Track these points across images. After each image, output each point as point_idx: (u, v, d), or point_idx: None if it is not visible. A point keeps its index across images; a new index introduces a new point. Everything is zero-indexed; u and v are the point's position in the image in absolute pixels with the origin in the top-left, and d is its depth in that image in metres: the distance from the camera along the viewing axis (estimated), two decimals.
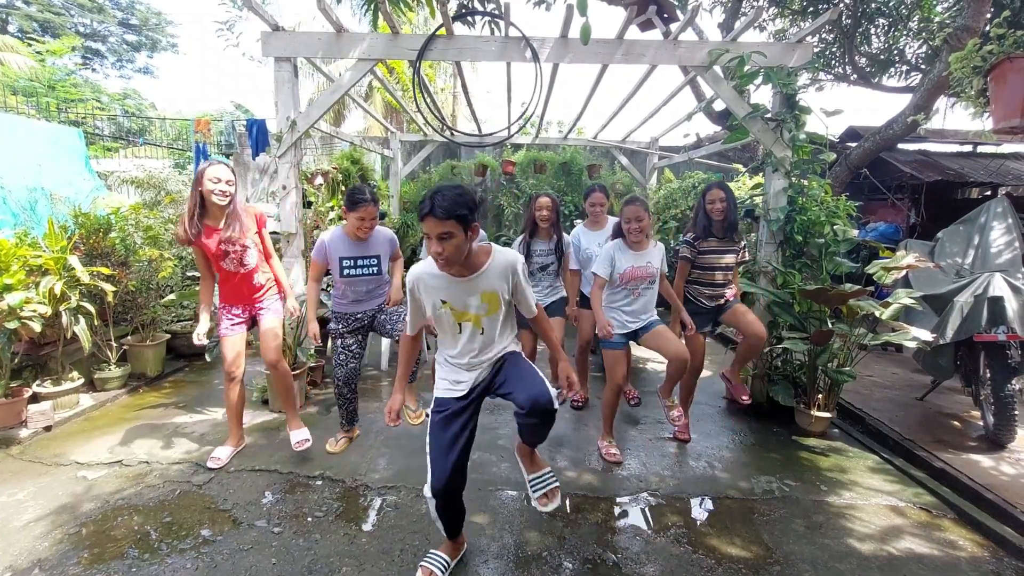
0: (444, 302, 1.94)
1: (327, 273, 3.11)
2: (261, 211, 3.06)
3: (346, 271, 2.95)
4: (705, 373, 4.87)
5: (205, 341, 2.88)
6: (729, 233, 3.31)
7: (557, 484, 2.19)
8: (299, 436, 3.06)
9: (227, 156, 8.48)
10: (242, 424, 3.15)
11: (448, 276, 1.90)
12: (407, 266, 3.12)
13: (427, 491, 1.95)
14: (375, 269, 3.01)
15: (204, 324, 2.89)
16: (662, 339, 2.98)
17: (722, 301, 3.39)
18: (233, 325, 2.93)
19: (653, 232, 3.08)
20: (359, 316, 3.11)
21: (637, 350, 3.69)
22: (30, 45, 11.81)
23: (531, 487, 2.17)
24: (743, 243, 3.40)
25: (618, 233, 3.06)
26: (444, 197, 1.72)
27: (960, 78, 2.97)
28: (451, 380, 2.05)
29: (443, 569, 2.10)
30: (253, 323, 3.05)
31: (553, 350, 2.22)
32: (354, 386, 3.20)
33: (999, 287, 3.26)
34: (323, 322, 4.50)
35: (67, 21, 17.55)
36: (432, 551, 2.17)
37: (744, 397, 3.47)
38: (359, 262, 2.97)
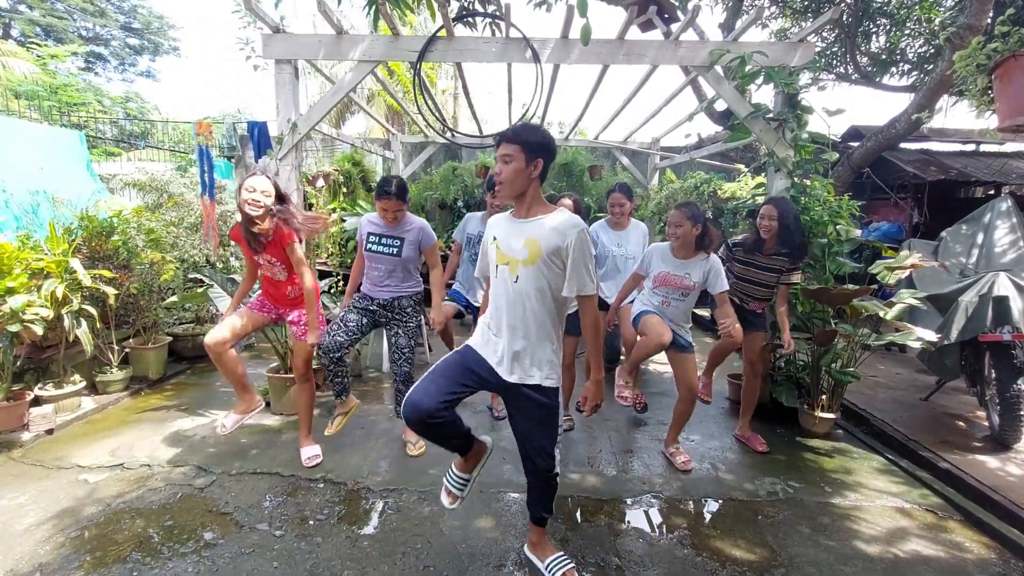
0: (495, 238, 1.99)
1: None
2: (290, 230, 2.83)
3: (369, 245, 3.05)
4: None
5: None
6: (786, 253, 3.18)
7: (572, 564, 2.15)
8: (309, 452, 3.03)
9: (229, 159, 8.49)
10: (249, 388, 3.00)
11: (510, 218, 1.98)
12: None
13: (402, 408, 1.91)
14: (395, 250, 3.04)
15: (225, 306, 2.98)
16: (686, 367, 2.94)
17: (748, 311, 3.36)
18: (260, 308, 2.99)
19: (711, 247, 2.95)
20: (376, 301, 3.11)
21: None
22: (31, 50, 11.85)
23: (548, 573, 2.11)
24: (795, 266, 3.22)
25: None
26: (521, 126, 1.87)
27: (964, 76, 2.96)
28: (488, 337, 2.02)
29: (460, 487, 2.14)
30: (278, 320, 3.09)
31: (591, 354, 2.01)
32: (335, 357, 2.96)
33: (1004, 286, 3.25)
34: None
35: (69, 25, 17.61)
36: (451, 470, 2.17)
37: (760, 448, 3.33)
38: (382, 239, 3.04)
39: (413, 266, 3.14)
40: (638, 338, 3.03)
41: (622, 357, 4.25)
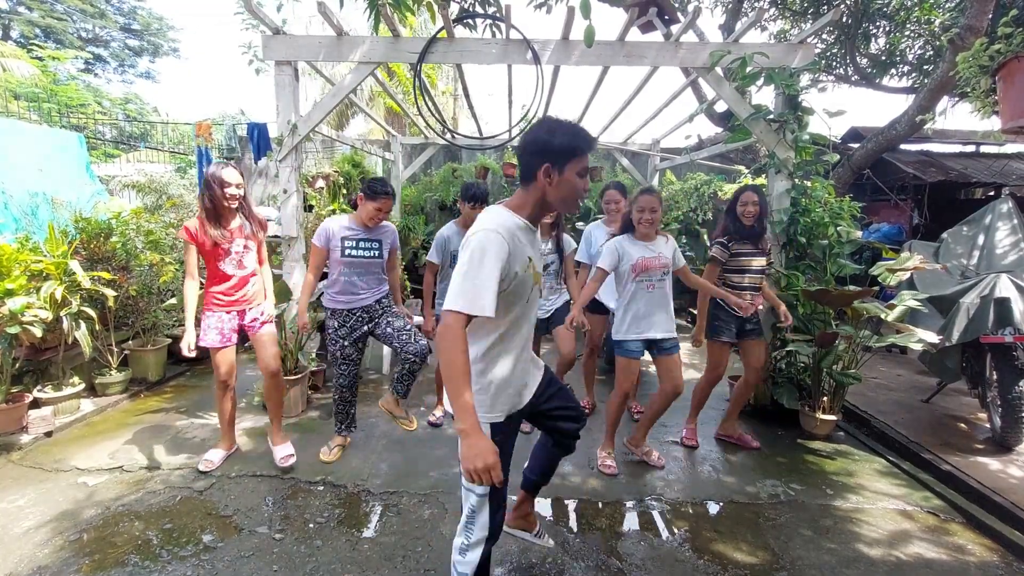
0: (531, 260, 1.61)
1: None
2: (263, 216, 3.05)
3: (348, 251, 2.95)
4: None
5: (194, 354, 2.78)
6: (756, 238, 3.26)
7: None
8: (284, 451, 3.01)
9: (229, 160, 8.48)
10: (234, 428, 3.14)
11: (531, 229, 1.63)
12: (406, 270, 3.12)
13: (478, 536, 1.64)
14: (376, 253, 3.02)
15: (193, 334, 2.79)
16: (673, 367, 2.96)
17: (750, 311, 3.31)
18: (225, 337, 2.86)
19: (661, 227, 3.05)
20: (358, 314, 3.04)
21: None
22: (31, 52, 11.86)
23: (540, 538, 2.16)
24: (769, 248, 3.35)
25: (627, 227, 2.98)
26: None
27: (967, 78, 2.95)
28: (513, 389, 1.68)
29: None
30: (242, 338, 2.99)
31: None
32: (355, 389, 3.20)
33: (1005, 288, 3.24)
34: (322, 327, 4.49)
35: (69, 26, 17.62)
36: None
37: (755, 444, 3.38)
38: (361, 243, 2.98)
39: (384, 268, 3.16)
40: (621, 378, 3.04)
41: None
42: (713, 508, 2.72)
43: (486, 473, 1.34)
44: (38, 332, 3.18)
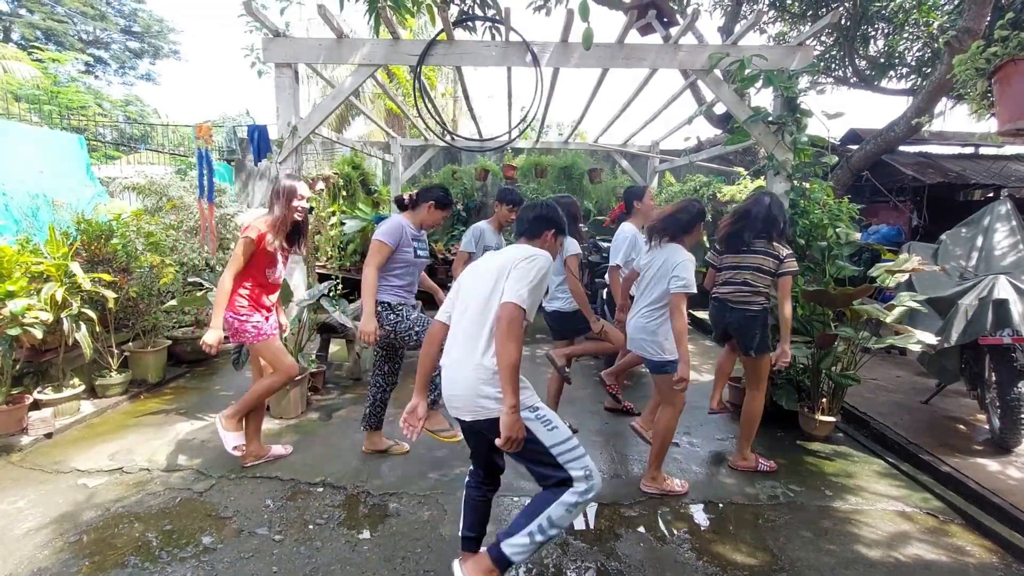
0: None
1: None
2: None
3: (418, 251, 3.03)
4: (707, 377, 4.86)
5: (214, 351, 2.73)
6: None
7: None
8: (279, 448, 3.17)
9: (229, 162, 8.50)
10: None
11: None
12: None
13: (593, 485, 1.79)
14: (427, 252, 3.15)
15: (220, 332, 2.74)
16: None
17: None
18: (274, 327, 2.95)
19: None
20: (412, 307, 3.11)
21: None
22: (31, 54, 11.89)
23: None
24: None
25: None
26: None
27: (964, 80, 2.96)
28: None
29: None
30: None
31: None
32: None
33: (1004, 289, 3.24)
34: (325, 328, 4.49)
35: (69, 29, 17.66)
36: None
37: (770, 467, 3.12)
38: (420, 243, 3.09)
39: None
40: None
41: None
42: (712, 509, 2.73)
43: (520, 443, 1.74)
44: (38, 334, 3.18)
